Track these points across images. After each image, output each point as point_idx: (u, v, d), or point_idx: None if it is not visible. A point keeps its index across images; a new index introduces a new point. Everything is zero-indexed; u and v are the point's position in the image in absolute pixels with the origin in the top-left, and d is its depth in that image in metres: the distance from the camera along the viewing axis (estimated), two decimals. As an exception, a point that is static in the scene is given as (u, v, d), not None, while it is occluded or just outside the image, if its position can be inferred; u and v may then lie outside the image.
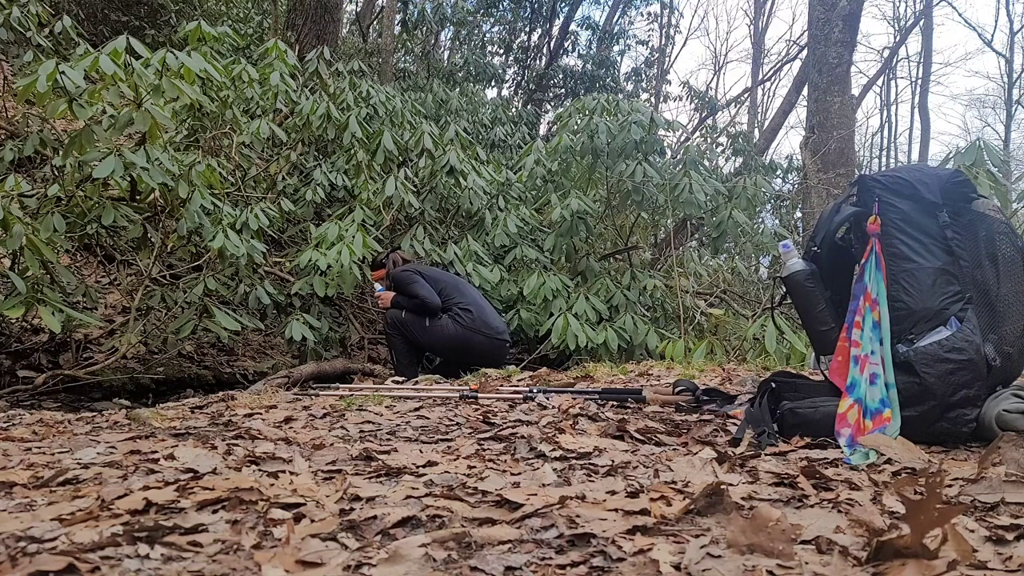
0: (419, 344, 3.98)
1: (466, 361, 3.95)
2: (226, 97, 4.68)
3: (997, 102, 24.61)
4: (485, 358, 3.92)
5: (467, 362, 3.94)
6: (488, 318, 4.00)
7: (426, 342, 3.94)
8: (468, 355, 3.93)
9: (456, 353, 3.96)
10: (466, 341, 3.89)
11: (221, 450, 1.51)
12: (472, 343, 3.90)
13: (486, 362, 3.92)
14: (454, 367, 3.92)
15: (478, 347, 3.91)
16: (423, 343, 3.95)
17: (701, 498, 1.09)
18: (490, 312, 4.10)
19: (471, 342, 3.89)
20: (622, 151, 5.15)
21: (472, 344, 3.90)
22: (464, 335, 3.88)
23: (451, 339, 3.88)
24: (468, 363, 3.94)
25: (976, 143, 3.53)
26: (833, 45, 8.00)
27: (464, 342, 3.89)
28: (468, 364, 3.92)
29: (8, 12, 4.18)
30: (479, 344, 3.91)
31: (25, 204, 3.49)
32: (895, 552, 0.88)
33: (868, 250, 1.71)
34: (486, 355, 3.93)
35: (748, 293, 6.99)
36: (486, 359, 3.92)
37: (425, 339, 3.92)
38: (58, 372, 3.57)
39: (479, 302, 4.08)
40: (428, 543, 0.95)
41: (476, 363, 3.92)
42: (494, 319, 4.06)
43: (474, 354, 3.92)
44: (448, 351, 3.98)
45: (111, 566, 0.86)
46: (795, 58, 20.20)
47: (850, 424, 1.60)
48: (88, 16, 7.50)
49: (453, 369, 3.76)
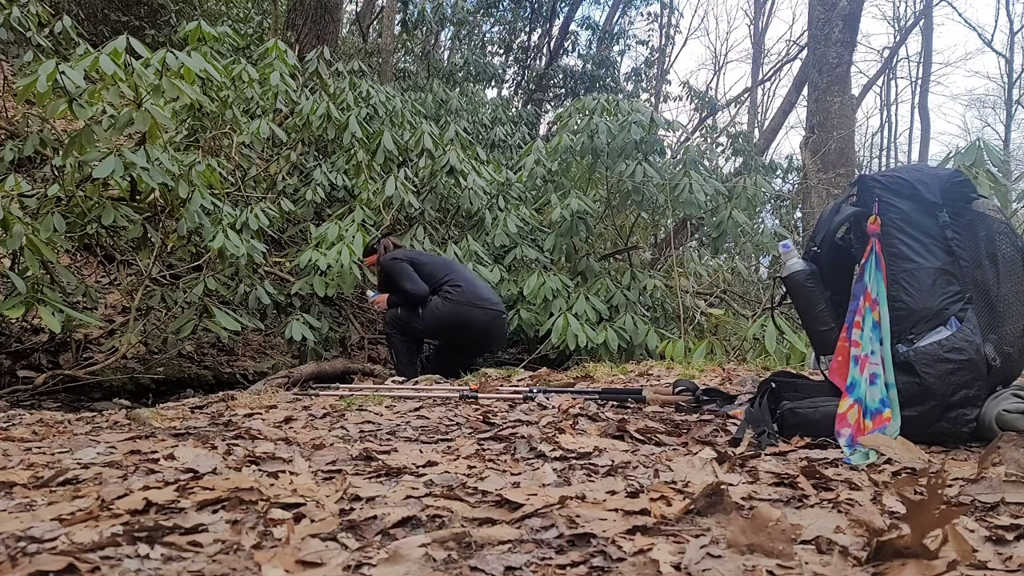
0: (419, 334, 3.91)
1: (465, 342, 3.87)
2: (226, 97, 4.68)
3: (997, 102, 24.62)
4: (483, 334, 3.84)
5: (467, 343, 3.86)
6: (480, 291, 3.90)
7: (424, 328, 3.86)
8: (465, 333, 3.84)
9: (454, 332, 3.86)
10: (460, 316, 3.79)
11: (221, 450, 1.51)
12: (466, 317, 3.80)
13: (485, 338, 3.85)
14: (455, 357, 3.88)
15: (473, 321, 3.81)
16: (422, 331, 3.88)
17: (701, 498, 1.09)
18: (482, 286, 4.02)
19: (465, 317, 3.79)
20: (622, 151, 5.15)
21: (467, 319, 3.80)
22: (456, 310, 3.78)
23: (445, 318, 3.79)
24: (468, 343, 3.86)
25: (976, 143, 3.53)
26: (833, 45, 8.00)
27: (458, 318, 3.79)
28: (468, 345, 3.84)
29: (8, 12, 4.18)
30: (474, 318, 3.81)
31: (25, 204, 3.49)
32: (895, 552, 0.88)
33: (868, 250, 1.71)
34: (483, 329, 3.84)
35: (748, 293, 6.99)
36: (484, 335, 3.84)
37: (423, 326, 3.84)
38: (58, 372, 3.57)
39: (469, 277, 4.00)
40: (428, 543, 0.95)
41: (475, 341, 3.84)
42: (486, 291, 3.97)
43: (471, 330, 3.82)
44: (445, 331, 3.88)
45: (111, 566, 0.86)
46: (795, 58, 20.22)
47: (850, 424, 1.60)
48: (88, 16, 7.50)
49: (453, 369, 3.73)
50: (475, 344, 3.91)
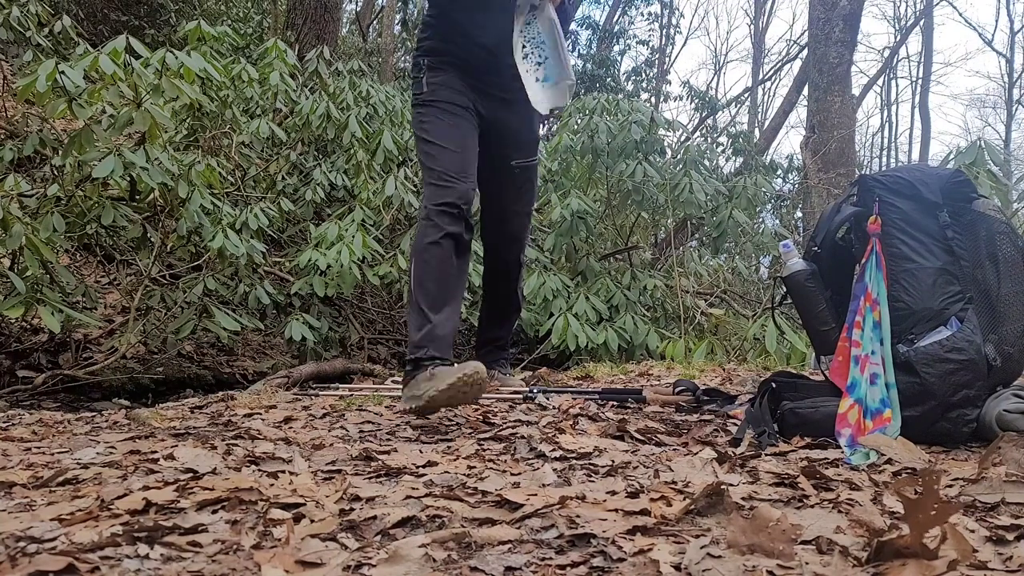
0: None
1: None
2: (226, 97, 4.68)
3: (998, 102, 24.65)
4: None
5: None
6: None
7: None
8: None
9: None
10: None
11: (221, 450, 1.51)
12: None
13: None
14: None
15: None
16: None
17: (701, 498, 1.09)
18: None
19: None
20: (622, 151, 5.15)
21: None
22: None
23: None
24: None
25: (977, 143, 3.53)
26: (834, 45, 8.00)
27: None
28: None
29: (8, 12, 4.18)
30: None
31: (25, 204, 3.49)
32: (895, 552, 0.88)
33: (868, 250, 1.71)
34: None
35: (748, 293, 6.98)
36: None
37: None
38: (58, 372, 3.57)
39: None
40: (428, 543, 0.94)
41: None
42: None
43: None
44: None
45: (111, 566, 0.86)
46: (795, 58, 20.21)
47: (850, 424, 1.60)
48: (88, 16, 7.50)
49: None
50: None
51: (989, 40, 27.73)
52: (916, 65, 22.25)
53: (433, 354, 2.00)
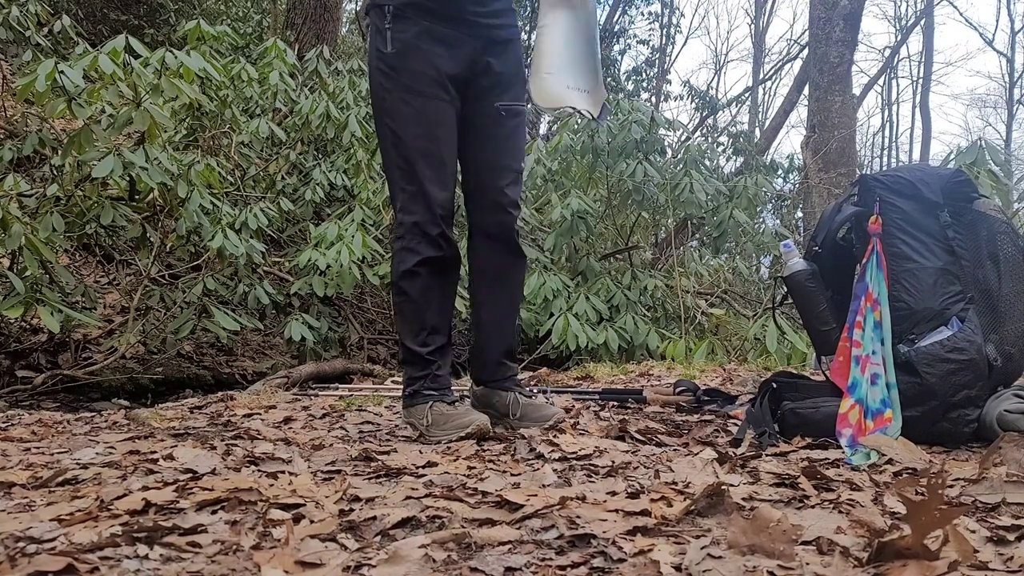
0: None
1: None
2: (225, 96, 4.68)
3: (998, 102, 24.60)
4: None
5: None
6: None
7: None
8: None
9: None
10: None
11: (220, 450, 1.51)
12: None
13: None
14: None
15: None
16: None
17: (702, 499, 1.09)
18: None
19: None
20: (623, 150, 5.14)
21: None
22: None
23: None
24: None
25: (977, 143, 3.53)
26: (834, 44, 7.99)
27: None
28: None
29: (7, 11, 4.18)
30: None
31: (24, 204, 3.48)
32: (896, 553, 0.88)
33: (869, 250, 1.70)
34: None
35: (749, 293, 6.98)
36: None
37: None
38: (57, 372, 3.57)
39: None
40: (428, 544, 0.94)
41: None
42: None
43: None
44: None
45: (110, 566, 0.86)
46: (796, 57, 20.16)
47: (851, 424, 1.60)
48: (87, 15, 7.49)
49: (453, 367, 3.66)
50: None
51: (990, 40, 27.77)
52: (917, 65, 22.22)
53: (429, 390, 1.83)
